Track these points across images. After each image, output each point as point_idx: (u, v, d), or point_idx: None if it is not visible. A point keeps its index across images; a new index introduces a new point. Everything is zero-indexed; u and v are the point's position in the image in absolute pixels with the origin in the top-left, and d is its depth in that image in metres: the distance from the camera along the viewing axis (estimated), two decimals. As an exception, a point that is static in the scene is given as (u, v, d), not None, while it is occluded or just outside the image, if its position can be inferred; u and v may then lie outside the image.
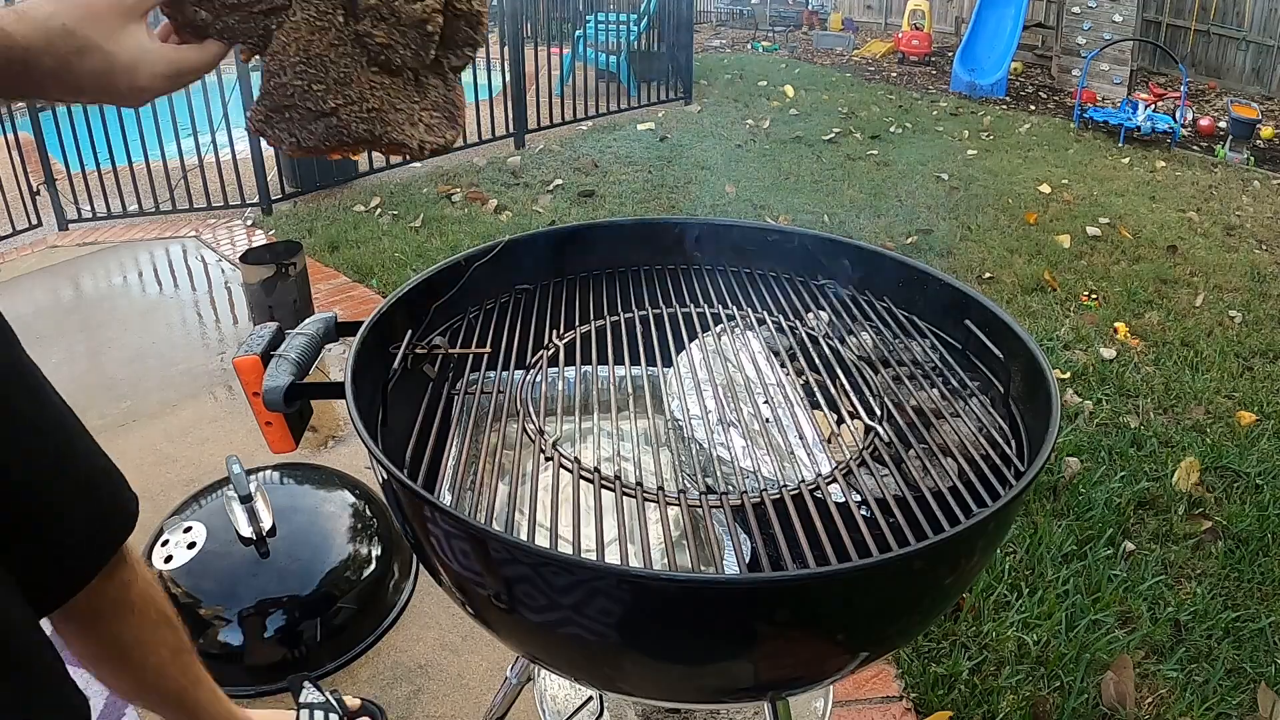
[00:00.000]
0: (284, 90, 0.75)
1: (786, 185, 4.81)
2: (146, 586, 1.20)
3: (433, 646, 1.83)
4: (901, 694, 1.71)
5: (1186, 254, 4.02)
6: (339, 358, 2.90)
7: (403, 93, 0.78)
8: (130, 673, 1.24)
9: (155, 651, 1.23)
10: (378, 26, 0.75)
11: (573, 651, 0.79)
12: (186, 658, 1.31)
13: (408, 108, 0.78)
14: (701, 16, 10.64)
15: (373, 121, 0.76)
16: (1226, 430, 2.65)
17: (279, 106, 0.76)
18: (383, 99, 0.77)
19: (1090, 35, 7.30)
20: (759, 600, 0.70)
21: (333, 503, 1.99)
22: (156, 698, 1.31)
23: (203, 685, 1.35)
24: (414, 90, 0.79)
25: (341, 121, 0.76)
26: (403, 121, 0.77)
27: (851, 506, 0.81)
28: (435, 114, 0.80)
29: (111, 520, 1.05)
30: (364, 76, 0.76)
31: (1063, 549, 2.10)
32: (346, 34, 0.76)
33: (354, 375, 0.88)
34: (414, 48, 0.77)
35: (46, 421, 0.96)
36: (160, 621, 1.23)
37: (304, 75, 0.75)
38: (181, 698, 1.32)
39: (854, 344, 1.10)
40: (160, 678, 1.27)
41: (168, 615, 1.25)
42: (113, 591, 1.13)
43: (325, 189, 4.71)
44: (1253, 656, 1.84)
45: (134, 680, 1.26)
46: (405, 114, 0.78)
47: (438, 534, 0.77)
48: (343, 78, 0.76)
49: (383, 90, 0.77)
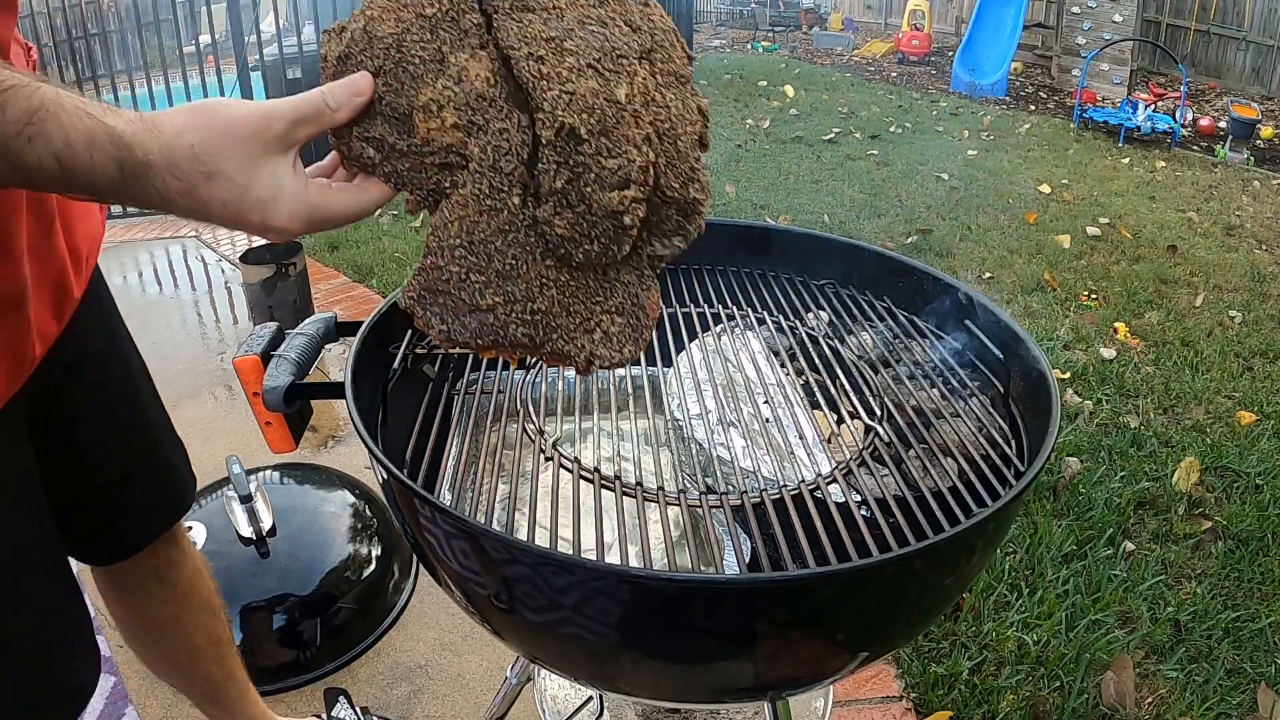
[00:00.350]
0: (439, 274, 0.63)
1: (786, 185, 4.81)
2: (195, 574, 1.27)
3: (433, 646, 1.83)
4: (901, 694, 1.71)
5: (1186, 254, 4.02)
6: (339, 358, 2.90)
7: (580, 293, 0.65)
8: (164, 650, 1.30)
9: (192, 636, 1.29)
10: (561, 215, 0.62)
11: (573, 651, 0.79)
12: (225, 650, 1.35)
13: (584, 311, 0.65)
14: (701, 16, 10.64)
15: (536, 326, 0.64)
16: (1226, 430, 2.65)
17: (433, 288, 0.64)
18: (553, 300, 0.64)
19: (1090, 35, 7.30)
20: (759, 600, 0.70)
21: (333, 503, 1.99)
22: (185, 681, 1.35)
23: (235, 681, 1.39)
24: (596, 289, 0.66)
25: (498, 321, 0.63)
26: (574, 328, 0.64)
27: (851, 506, 0.81)
28: (617, 320, 0.66)
29: (169, 501, 1.20)
30: (534, 271, 0.63)
31: (1063, 549, 2.10)
32: (521, 219, 0.63)
33: (354, 375, 0.88)
34: (603, 242, 0.63)
35: (135, 405, 1.11)
36: (203, 608, 1.29)
37: (463, 262, 0.63)
38: (212, 687, 1.36)
39: (854, 344, 1.10)
40: (194, 662, 1.31)
41: (213, 605, 1.31)
42: (158, 567, 1.22)
43: (325, 189, 4.71)
44: (1253, 656, 1.84)
45: (168, 660, 1.31)
46: (578, 319, 0.65)
47: (437, 534, 0.77)
48: (508, 271, 0.63)
49: (555, 289, 0.64)
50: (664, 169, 0.66)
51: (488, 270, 0.62)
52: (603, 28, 0.64)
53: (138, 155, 0.57)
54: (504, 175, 0.62)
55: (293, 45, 4.30)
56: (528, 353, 0.65)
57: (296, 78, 4.33)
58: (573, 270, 0.64)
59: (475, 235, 0.62)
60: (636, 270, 0.68)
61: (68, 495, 0.99)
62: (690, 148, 0.69)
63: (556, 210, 0.62)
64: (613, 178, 0.61)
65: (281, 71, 4.30)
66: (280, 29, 5.64)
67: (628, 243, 0.64)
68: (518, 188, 0.63)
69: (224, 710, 1.41)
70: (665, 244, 0.69)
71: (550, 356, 0.65)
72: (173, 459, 1.16)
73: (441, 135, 0.62)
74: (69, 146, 0.55)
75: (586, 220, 0.62)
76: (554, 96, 0.60)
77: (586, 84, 0.60)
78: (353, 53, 0.64)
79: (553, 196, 0.61)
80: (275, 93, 4.36)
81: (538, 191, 0.63)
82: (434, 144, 0.62)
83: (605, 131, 0.61)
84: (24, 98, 0.54)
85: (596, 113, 0.60)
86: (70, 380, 0.96)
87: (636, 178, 0.62)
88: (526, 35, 0.61)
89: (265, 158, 0.59)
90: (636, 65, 0.65)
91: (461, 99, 0.62)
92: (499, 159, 0.62)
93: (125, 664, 1.76)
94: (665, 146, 0.66)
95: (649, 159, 0.63)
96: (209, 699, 1.40)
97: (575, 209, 0.61)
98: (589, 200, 0.61)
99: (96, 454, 1.03)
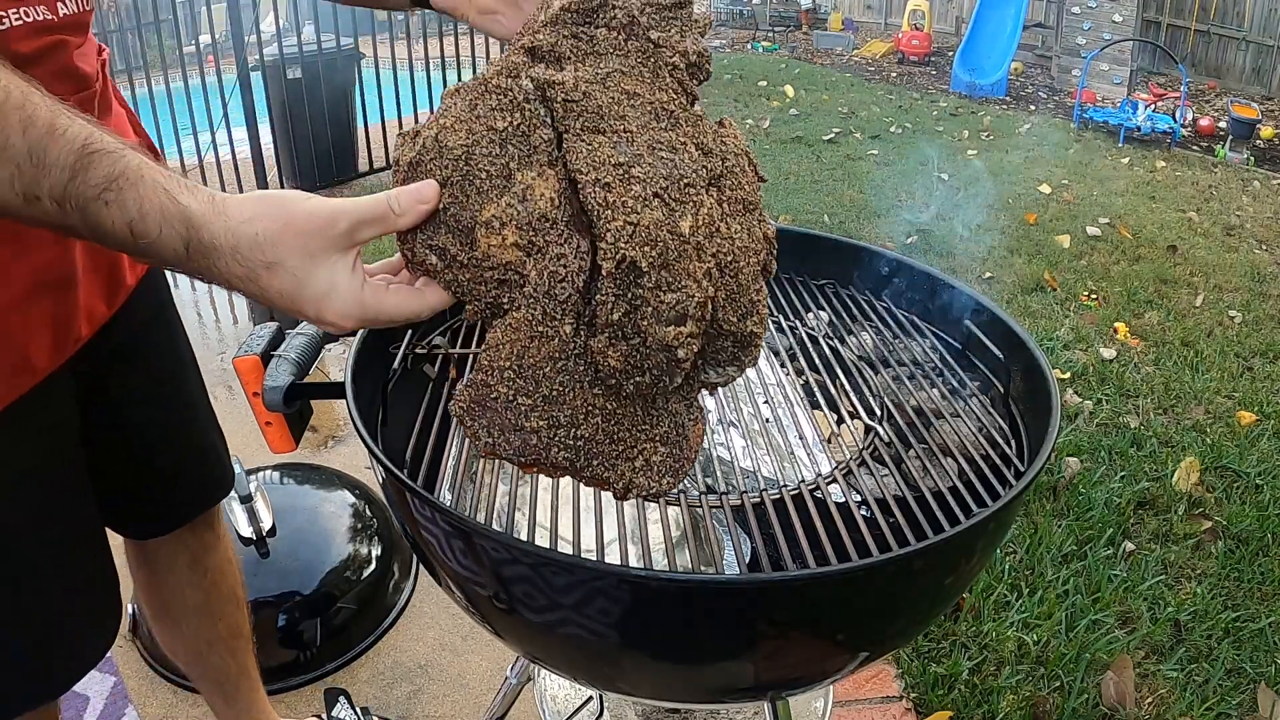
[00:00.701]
0: (488, 391, 0.64)
1: (786, 185, 4.81)
2: (224, 562, 1.32)
3: (433, 646, 1.83)
4: (901, 694, 1.71)
5: (1186, 254, 4.02)
6: (339, 358, 2.90)
7: (626, 421, 0.64)
8: (186, 636, 1.35)
9: (214, 625, 1.34)
10: (615, 346, 0.61)
11: (573, 651, 0.79)
12: (242, 644, 1.38)
13: (628, 439, 0.64)
14: (701, 16, 10.63)
15: (578, 452, 0.63)
16: (1226, 430, 2.65)
17: (481, 403, 0.64)
18: (597, 428, 0.64)
19: (1090, 35, 7.30)
20: (759, 600, 0.70)
21: (333, 503, 1.99)
22: (201, 669, 1.38)
23: (248, 677, 1.42)
24: (643, 419, 0.65)
25: (541, 443, 0.63)
26: (616, 455, 0.64)
27: (851, 506, 0.81)
28: (660, 450, 0.65)
29: (210, 482, 1.26)
30: (581, 399, 0.63)
31: (1063, 549, 2.10)
32: (572, 348, 0.63)
33: (354, 375, 0.88)
34: (655, 374, 0.62)
35: (183, 391, 1.18)
36: (228, 598, 1.34)
37: (511, 384, 0.63)
38: (225, 680, 1.39)
39: (854, 344, 1.10)
40: (212, 651, 1.35)
41: (238, 596, 1.36)
42: (194, 549, 1.30)
43: (325, 189, 4.71)
44: (1253, 656, 1.84)
45: (188, 646, 1.35)
46: (622, 446, 0.64)
47: (437, 534, 0.77)
48: (554, 397, 0.63)
49: (600, 417, 0.64)
50: (723, 302, 0.65)
51: (534, 395, 0.63)
52: (673, 153, 0.64)
53: (204, 237, 0.59)
54: (558, 303, 0.62)
55: (293, 45, 4.29)
56: (568, 474, 0.65)
57: (296, 78, 4.33)
58: (620, 398, 0.64)
59: (525, 360, 0.63)
60: (686, 400, 0.67)
61: (113, 471, 1.07)
62: (752, 279, 0.68)
63: (611, 342, 0.61)
64: (670, 312, 0.60)
65: (281, 71, 4.29)
66: (280, 29, 5.64)
67: (680, 375, 0.64)
68: (570, 316, 0.63)
69: (231, 705, 1.43)
70: (720, 373, 0.69)
71: (589, 480, 0.65)
72: (215, 443, 1.25)
73: (501, 252, 0.63)
74: (141, 218, 0.58)
75: (640, 353, 0.61)
76: (618, 228, 0.59)
77: (651, 215, 0.60)
78: (423, 160, 0.65)
79: (608, 329, 0.61)
80: (275, 92, 4.35)
81: (592, 320, 0.62)
82: (493, 260, 0.63)
83: (666, 265, 0.60)
84: (108, 163, 0.57)
85: (659, 246, 0.60)
86: (121, 363, 1.03)
87: (694, 313, 0.61)
88: (595, 160, 0.61)
89: (325, 254, 0.61)
90: (704, 194, 0.64)
91: (524, 218, 0.63)
92: (554, 285, 0.62)
93: (125, 664, 1.76)
94: (726, 280, 0.65)
95: (708, 294, 0.62)
96: (220, 690, 1.43)
97: (629, 341, 0.61)
98: (645, 334, 0.61)
99: (146, 434, 1.11)
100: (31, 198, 0.57)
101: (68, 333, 0.90)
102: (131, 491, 1.13)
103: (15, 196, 0.56)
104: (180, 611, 1.32)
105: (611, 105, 0.64)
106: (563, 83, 0.63)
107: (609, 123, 0.63)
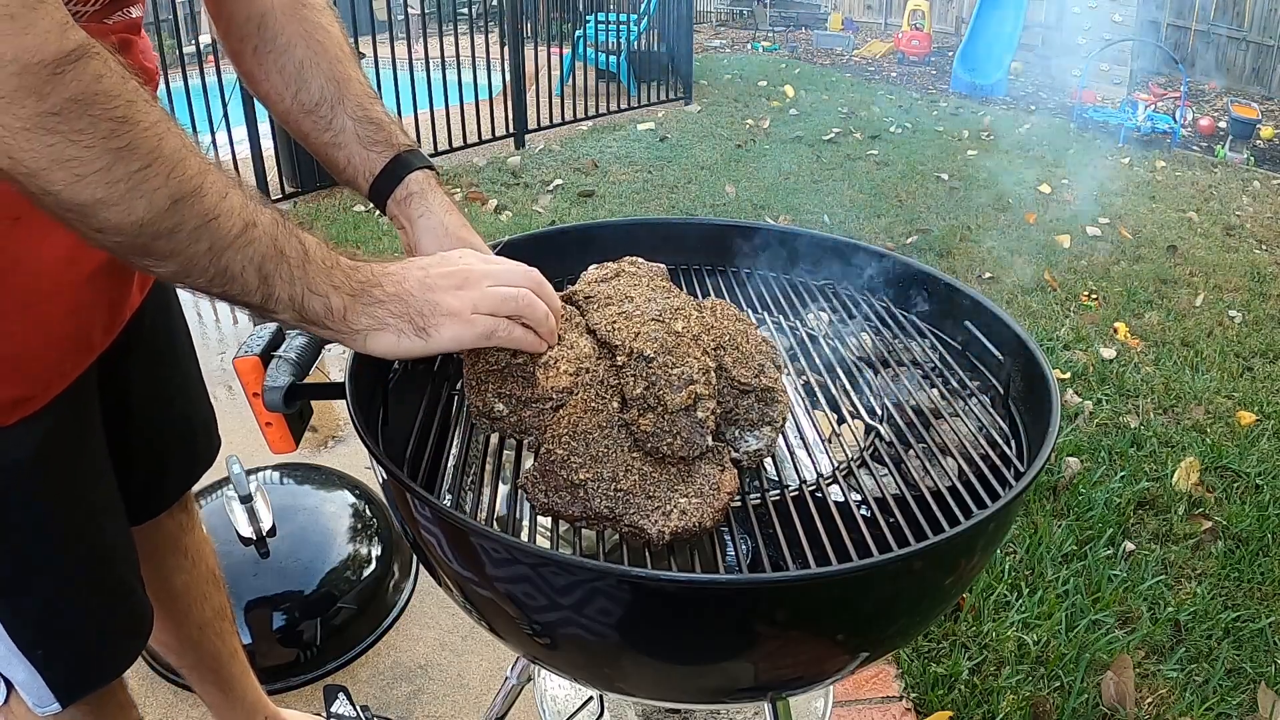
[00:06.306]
0: (549, 456, 0.77)
1: (786, 185, 4.81)
2: (201, 542, 1.33)
3: (433, 646, 1.83)
4: (901, 694, 1.72)
5: (1186, 254, 4.02)
6: (339, 358, 2.90)
7: (663, 481, 0.76)
8: (178, 622, 1.35)
9: (201, 607, 1.33)
10: (644, 416, 0.77)
11: (573, 651, 0.79)
12: (228, 625, 1.39)
13: (663, 496, 0.75)
14: (701, 16, 10.64)
15: (617, 500, 0.75)
16: (1226, 430, 2.65)
17: (543, 470, 0.77)
18: (635, 484, 0.76)
19: (1090, 35, 7.29)
20: (759, 600, 0.70)
21: (333, 503, 1.99)
22: (195, 657, 1.38)
23: (237, 658, 1.42)
24: (676, 480, 0.77)
25: (587, 494, 0.75)
26: (651, 509, 0.75)
27: (851, 506, 0.81)
28: (694, 501, 0.75)
29: (193, 465, 1.27)
30: (622, 459, 0.77)
31: (1063, 549, 2.10)
32: (617, 420, 0.79)
33: (354, 375, 0.88)
34: (684, 437, 0.76)
35: (182, 369, 1.19)
36: (209, 579, 1.33)
37: (566, 446, 0.77)
38: (218, 664, 1.39)
39: (854, 344, 1.10)
40: (203, 636, 1.35)
41: (216, 576, 1.36)
42: (173, 532, 1.30)
43: (325, 189, 4.71)
44: (1253, 656, 1.84)
45: (180, 633, 1.35)
46: (657, 501, 0.75)
47: (437, 534, 0.77)
48: (600, 455, 0.77)
49: (638, 474, 0.76)
50: (733, 364, 0.84)
51: (584, 454, 0.77)
52: (666, 296, 0.89)
53: (334, 305, 0.75)
54: (605, 386, 0.82)
55: (293, 45, 4.30)
56: (607, 524, 0.76)
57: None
58: (657, 462, 0.78)
59: (579, 428, 0.79)
60: (718, 464, 0.79)
61: (119, 451, 1.08)
62: (755, 350, 0.87)
63: (640, 412, 0.78)
64: (678, 380, 0.77)
65: (281, 71, 4.30)
66: (280, 29, 5.63)
67: (707, 435, 0.77)
68: (617, 397, 0.81)
69: (226, 690, 1.43)
70: (757, 436, 0.83)
71: (626, 528, 0.75)
72: (205, 416, 1.26)
73: (558, 379, 0.82)
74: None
75: (665, 419, 0.77)
76: (625, 338, 0.83)
77: (649, 328, 0.82)
78: None
79: (636, 402, 0.78)
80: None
81: (625, 399, 0.80)
82: (551, 388, 0.82)
83: (669, 350, 0.80)
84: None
85: (659, 342, 0.80)
86: (133, 345, 1.06)
87: (698, 376, 0.78)
88: (604, 316, 0.88)
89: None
90: (693, 311, 0.88)
91: (573, 357, 0.84)
92: (602, 377, 0.84)
93: (125, 664, 1.76)
94: (730, 351, 0.85)
95: (707, 365, 0.80)
96: (214, 676, 1.42)
97: (654, 410, 0.77)
98: (663, 401, 0.77)
99: (149, 412, 1.13)
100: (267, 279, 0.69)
101: (119, 313, 0.95)
102: (135, 473, 1.14)
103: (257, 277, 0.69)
104: (171, 600, 1.31)
105: (616, 291, 0.91)
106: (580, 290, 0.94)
107: (615, 301, 0.90)
